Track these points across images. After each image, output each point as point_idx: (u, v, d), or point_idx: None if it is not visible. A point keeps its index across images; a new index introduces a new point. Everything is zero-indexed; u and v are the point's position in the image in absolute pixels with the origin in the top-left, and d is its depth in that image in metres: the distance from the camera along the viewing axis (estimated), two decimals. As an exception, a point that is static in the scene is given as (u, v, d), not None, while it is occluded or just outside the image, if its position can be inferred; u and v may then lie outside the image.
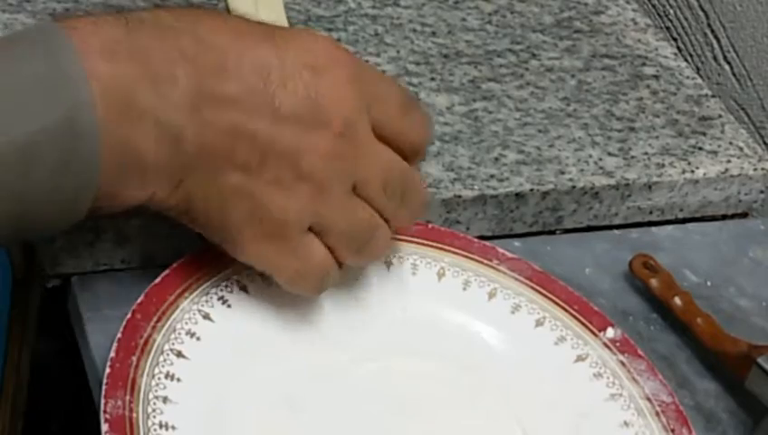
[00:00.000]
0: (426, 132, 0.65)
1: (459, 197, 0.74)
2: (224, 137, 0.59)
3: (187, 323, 0.63)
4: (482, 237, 0.74)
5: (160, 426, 0.58)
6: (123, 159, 0.57)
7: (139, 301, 0.63)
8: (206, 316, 0.64)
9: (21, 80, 0.55)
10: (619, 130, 0.82)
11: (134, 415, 0.58)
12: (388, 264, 0.70)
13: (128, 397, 0.58)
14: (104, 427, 0.57)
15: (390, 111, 0.63)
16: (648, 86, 0.87)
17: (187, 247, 0.68)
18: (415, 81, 0.82)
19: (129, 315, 0.62)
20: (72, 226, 0.58)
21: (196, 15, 0.61)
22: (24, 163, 0.55)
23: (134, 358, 0.60)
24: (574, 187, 0.77)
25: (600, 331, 0.69)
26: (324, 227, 0.61)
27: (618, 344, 0.69)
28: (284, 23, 0.85)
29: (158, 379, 0.60)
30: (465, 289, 0.70)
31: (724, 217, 0.83)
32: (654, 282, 0.74)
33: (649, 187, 0.79)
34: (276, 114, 0.59)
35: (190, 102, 0.58)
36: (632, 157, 0.80)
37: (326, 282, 0.63)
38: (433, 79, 0.83)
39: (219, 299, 0.65)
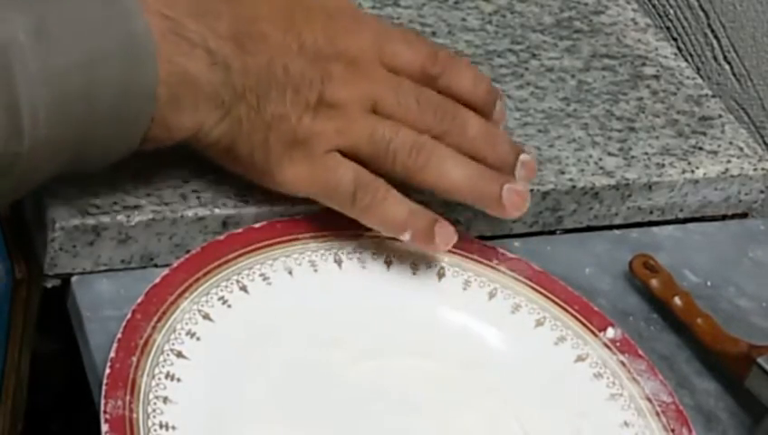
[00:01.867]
0: (432, 54, 0.70)
1: (459, 197, 0.74)
2: (263, 69, 0.65)
3: (187, 323, 0.63)
4: (482, 237, 0.74)
5: (160, 426, 0.58)
6: (178, 85, 0.62)
7: (139, 301, 0.63)
8: (206, 316, 0.64)
9: (80, 11, 0.59)
10: (620, 130, 0.82)
11: (134, 415, 0.58)
12: (388, 264, 0.70)
13: (128, 397, 0.58)
14: (104, 427, 0.57)
15: (397, 45, 0.70)
16: (648, 86, 0.87)
17: (187, 247, 0.68)
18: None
19: (129, 315, 0.62)
20: (125, 155, 0.63)
21: None
22: (87, 85, 0.58)
23: (134, 358, 0.60)
24: (574, 187, 0.77)
25: (600, 331, 0.69)
26: (350, 146, 0.67)
27: (618, 344, 0.69)
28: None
29: (158, 379, 0.60)
30: (465, 289, 0.70)
31: (724, 217, 0.83)
32: (654, 282, 0.74)
33: (649, 187, 0.79)
34: (302, 49, 0.66)
35: (233, 36, 0.64)
36: (632, 157, 0.80)
37: (364, 198, 0.67)
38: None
39: (219, 299, 0.65)
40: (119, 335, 0.61)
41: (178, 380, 0.60)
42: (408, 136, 0.67)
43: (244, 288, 0.66)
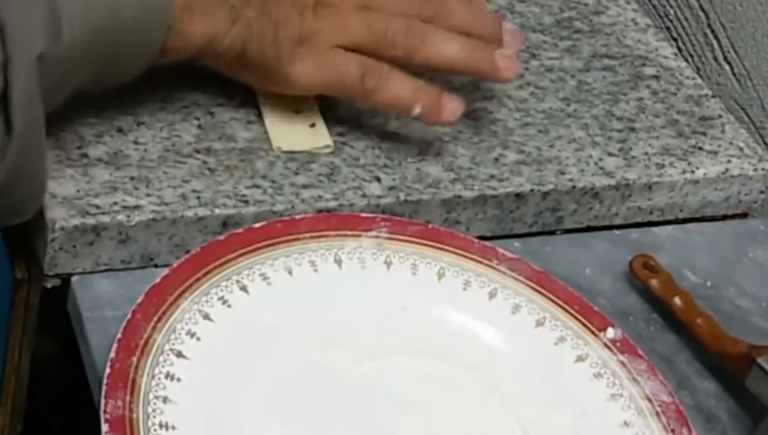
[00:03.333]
0: None
1: (459, 197, 0.74)
2: None
3: (187, 323, 0.63)
4: (482, 238, 0.74)
5: (160, 426, 0.58)
6: None
7: (139, 301, 0.63)
8: (206, 316, 0.64)
9: None
10: (620, 131, 0.82)
11: (134, 415, 0.58)
12: (388, 264, 0.70)
13: (128, 397, 0.58)
14: (104, 427, 0.57)
15: None
16: (648, 86, 0.87)
17: (187, 247, 0.68)
18: (415, 81, 0.82)
19: (129, 315, 0.62)
20: (148, 65, 0.67)
21: None
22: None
23: (134, 358, 0.60)
24: (574, 187, 0.77)
25: (600, 331, 0.69)
26: (351, 40, 0.72)
27: (618, 344, 0.69)
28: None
29: (158, 379, 0.60)
30: (465, 289, 0.70)
31: (724, 218, 0.83)
32: (654, 282, 0.74)
33: (650, 187, 0.79)
34: None
35: None
36: (632, 157, 0.80)
37: (371, 80, 0.71)
38: (433, 79, 0.83)
39: (219, 299, 0.65)
40: (119, 335, 0.61)
41: (178, 380, 0.60)
42: (402, 21, 0.73)
43: (244, 288, 0.66)
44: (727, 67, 0.95)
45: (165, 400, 0.59)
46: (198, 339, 0.63)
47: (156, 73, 0.70)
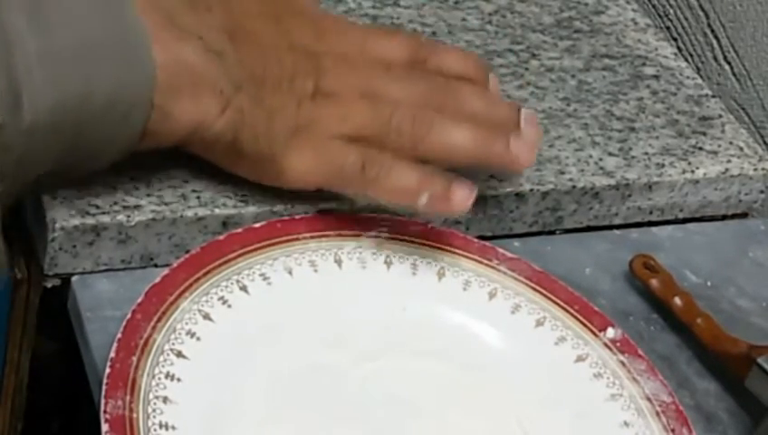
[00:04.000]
0: (415, 41, 0.73)
1: (459, 197, 0.74)
2: (257, 62, 0.66)
3: (187, 323, 0.63)
4: (482, 237, 0.74)
5: (160, 426, 0.58)
6: (176, 72, 0.62)
7: (139, 301, 0.63)
8: (206, 316, 0.64)
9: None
10: (620, 130, 0.82)
11: (134, 415, 0.58)
12: (388, 264, 0.70)
13: (128, 397, 0.58)
14: (104, 427, 0.57)
15: (381, 39, 0.71)
16: (648, 86, 0.87)
17: (187, 247, 0.68)
18: (415, 81, 0.82)
19: (129, 315, 0.62)
20: (127, 149, 0.63)
21: None
22: (83, 67, 0.58)
23: (134, 358, 0.60)
24: (574, 187, 0.77)
25: (600, 331, 0.69)
26: (354, 130, 0.67)
27: (618, 344, 0.69)
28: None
29: (159, 379, 0.60)
30: (465, 289, 0.70)
31: (724, 217, 0.83)
32: (654, 282, 0.74)
33: (649, 187, 0.79)
34: (292, 46, 0.68)
35: (226, 29, 0.65)
36: (632, 157, 0.80)
37: (372, 169, 0.66)
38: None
39: (219, 299, 0.65)
40: (119, 335, 0.61)
41: (178, 380, 0.60)
42: (408, 108, 0.68)
43: (244, 288, 0.66)
44: (727, 67, 0.95)
45: (165, 400, 0.59)
46: (198, 339, 0.63)
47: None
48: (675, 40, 0.99)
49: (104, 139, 0.61)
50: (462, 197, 0.67)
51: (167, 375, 0.60)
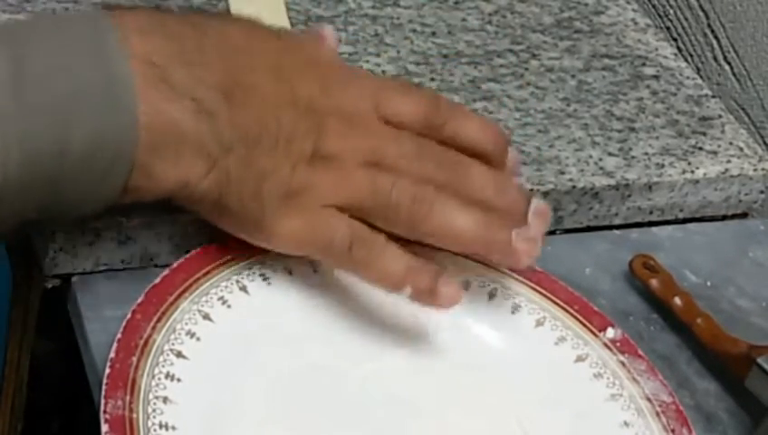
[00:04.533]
0: (434, 103, 0.67)
1: (459, 197, 0.74)
2: (253, 122, 0.62)
3: (187, 323, 0.63)
4: (482, 237, 0.74)
5: (160, 426, 0.58)
6: (161, 131, 0.59)
7: (139, 301, 0.63)
8: (206, 316, 0.64)
9: (59, 48, 0.58)
10: (620, 131, 0.82)
11: (134, 415, 0.58)
12: (389, 264, 0.69)
13: (128, 397, 0.58)
14: (104, 427, 0.57)
15: (395, 97, 0.66)
16: (648, 86, 0.87)
17: (187, 247, 0.68)
18: (415, 81, 0.82)
19: (129, 315, 0.62)
20: (105, 208, 0.61)
21: (221, 18, 0.68)
22: (60, 125, 0.57)
23: (134, 358, 0.60)
24: (574, 187, 0.77)
25: (600, 331, 0.69)
26: (349, 200, 0.63)
27: (618, 344, 0.69)
28: (286, 23, 0.85)
29: (158, 379, 0.60)
30: (465, 289, 0.70)
31: (724, 218, 0.83)
32: (654, 282, 0.74)
33: (649, 187, 0.79)
34: (295, 102, 0.63)
35: (223, 87, 0.61)
36: (632, 157, 0.80)
37: (360, 251, 0.63)
38: (433, 79, 0.83)
39: (219, 299, 0.65)
40: (119, 335, 0.60)
41: (178, 380, 0.60)
42: (410, 186, 0.64)
43: (244, 288, 0.66)
44: (727, 67, 0.95)
45: (165, 400, 0.59)
46: (198, 339, 0.63)
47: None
48: (675, 40, 0.99)
49: (82, 194, 0.59)
50: (447, 295, 0.64)
51: (167, 375, 0.60)
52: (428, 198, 0.64)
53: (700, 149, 0.83)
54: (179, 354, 0.61)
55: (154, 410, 0.58)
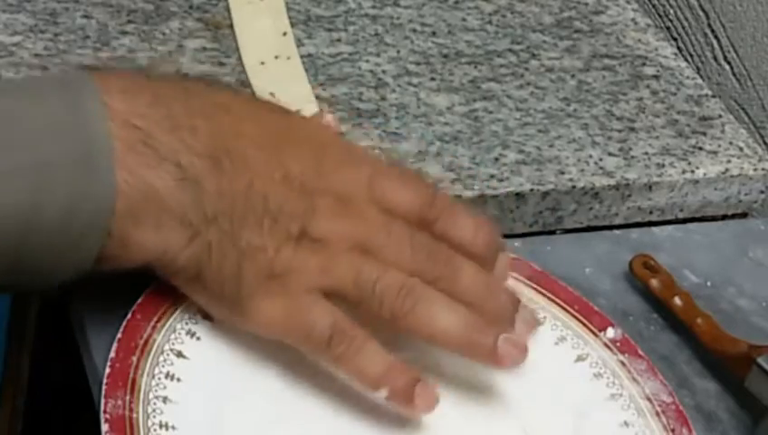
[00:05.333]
0: (430, 197, 0.64)
1: (459, 197, 0.74)
2: (239, 194, 0.59)
3: (187, 323, 0.63)
4: (482, 237, 0.74)
5: (160, 426, 0.58)
6: (139, 199, 0.57)
7: (139, 301, 0.62)
8: (207, 316, 0.63)
9: (39, 110, 0.56)
10: (620, 130, 0.82)
11: (134, 415, 0.58)
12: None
13: (128, 397, 0.58)
14: (104, 427, 0.57)
15: (392, 184, 0.63)
16: (648, 86, 0.87)
17: (187, 247, 0.68)
18: (415, 81, 0.82)
19: (129, 315, 0.62)
20: (78, 273, 0.58)
21: (210, 84, 0.66)
22: (32, 190, 0.55)
23: (134, 358, 0.60)
24: (574, 187, 0.77)
25: (600, 331, 0.69)
26: (333, 286, 0.61)
27: (618, 344, 0.69)
28: (286, 23, 0.85)
29: (159, 379, 0.60)
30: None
31: (724, 217, 0.83)
32: (654, 282, 0.74)
33: (649, 187, 0.79)
34: (286, 179, 0.60)
35: (210, 154, 0.59)
36: (632, 157, 0.80)
37: (339, 345, 0.61)
38: (433, 79, 0.83)
39: (219, 299, 0.65)
40: (119, 335, 0.60)
41: (178, 380, 0.60)
42: (397, 278, 0.61)
43: (244, 288, 0.65)
44: (727, 67, 0.95)
45: (165, 400, 0.59)
46: (198, 339, 0.63)
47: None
48: (675, 40, 0.99)
49: (52, 264, 0.57)
50: (423, 402, 0.62)
51: (167, 375, 0.60)
52: (414, 292, 0.61)
53: (700, 149, 0.83)
54: (179, 354, 0.61)
55: (154, 410, 0.58)
